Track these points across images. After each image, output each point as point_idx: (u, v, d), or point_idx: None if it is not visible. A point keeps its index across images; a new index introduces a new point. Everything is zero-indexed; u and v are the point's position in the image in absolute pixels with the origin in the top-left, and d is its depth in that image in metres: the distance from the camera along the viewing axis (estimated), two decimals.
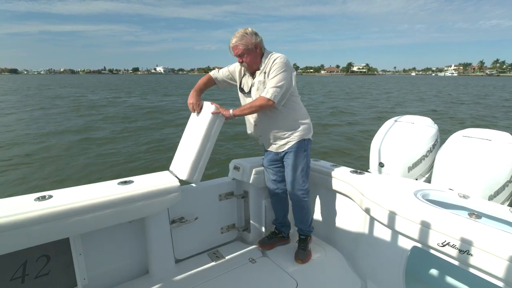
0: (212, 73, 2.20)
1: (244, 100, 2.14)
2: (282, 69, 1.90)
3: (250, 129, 2.23)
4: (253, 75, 2.05)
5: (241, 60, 1.97)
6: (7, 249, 1.40)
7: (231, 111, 1.97)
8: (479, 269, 1.40)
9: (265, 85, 1.95)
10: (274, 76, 1.90)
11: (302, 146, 2.08)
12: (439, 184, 2.29)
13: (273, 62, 1.92)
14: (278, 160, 2.19)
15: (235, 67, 2.15)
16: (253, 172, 2.30)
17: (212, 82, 2.18)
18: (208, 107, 1.95)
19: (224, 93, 20.81)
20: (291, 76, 1.95)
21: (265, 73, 1.96)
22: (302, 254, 2.21)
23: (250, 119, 2.16)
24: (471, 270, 1.45)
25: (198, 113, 2.02)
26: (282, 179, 2.24)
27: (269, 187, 2.33)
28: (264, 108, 1.96)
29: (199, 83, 2.11)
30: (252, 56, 1.95)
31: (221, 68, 2.21)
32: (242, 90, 2.14)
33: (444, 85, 51.90)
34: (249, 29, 1.95)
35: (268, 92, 1.90)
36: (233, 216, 2.50)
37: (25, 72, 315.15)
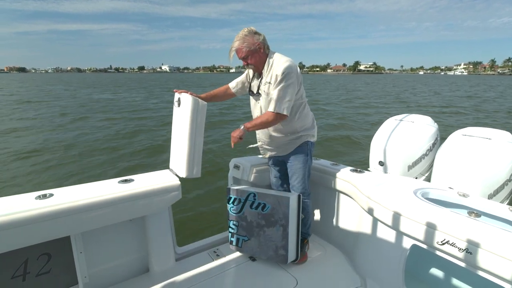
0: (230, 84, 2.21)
1: (254, 104, 2.09)
2: (288, 80, 1.81)
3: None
4: (260, 75, 1.99)
5: (246, 63, 1.91)
6: (8, 247, 1.42)
7: (241, 126, 1.89)
8: (479, 267, 1.39)
9: (270, 91, 1.88)
10: (281, 88, 1.82)
11: (304, 149, 2.07)
12: (438, 182, 2.28)
13: (280, 71, 1.82)
14: (281, 161, 2.20)
15: (246, 73, 2.14)
16: (253, 171, 2.31)
17: (224, 92, 2.19)
18: (187, 98, 1.88)
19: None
20: (296, 84, 1.87)
21: (270, 79, 1.88)
22: None
23: None
24: (471, 268, 1.44)
25: (179, 105, 1.97)
26: (285, 176, 2.24)
27: (272, 182, 2.35)
28: (277, 122, 1.90)
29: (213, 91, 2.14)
30: (257, 57, 1.89)
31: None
32: (251, 92, 2.09)
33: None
34: (250, 28, 1.87)
35: (278, 106, 1.82)
36: None
37: (33, 71, 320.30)
